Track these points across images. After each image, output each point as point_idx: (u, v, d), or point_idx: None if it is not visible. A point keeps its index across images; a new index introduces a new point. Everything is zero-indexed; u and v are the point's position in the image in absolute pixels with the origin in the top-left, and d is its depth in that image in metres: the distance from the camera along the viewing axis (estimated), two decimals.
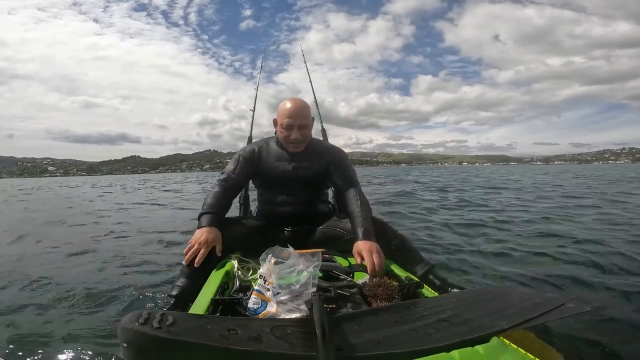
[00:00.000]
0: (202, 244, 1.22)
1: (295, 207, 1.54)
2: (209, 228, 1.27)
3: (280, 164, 1.52)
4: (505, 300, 0.82)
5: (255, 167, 1.54)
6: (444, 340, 0.66)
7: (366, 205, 1.41)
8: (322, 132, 2.50)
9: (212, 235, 1.25)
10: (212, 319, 0.67)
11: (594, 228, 3.41)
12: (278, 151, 1.54)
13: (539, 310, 0.75)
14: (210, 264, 1.25)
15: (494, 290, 0.95)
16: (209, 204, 1.38)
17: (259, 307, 0.85)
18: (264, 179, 1.58)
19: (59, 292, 1.88)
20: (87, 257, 2.77)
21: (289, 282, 0.85)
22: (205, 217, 1.32)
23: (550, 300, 0.80)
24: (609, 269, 2.10)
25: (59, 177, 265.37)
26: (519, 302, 0.80)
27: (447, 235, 3.29)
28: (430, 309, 0.79)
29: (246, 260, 1.26)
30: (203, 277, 1.18)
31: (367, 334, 0.69)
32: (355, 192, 1.45)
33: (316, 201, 1.62)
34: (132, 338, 0.54)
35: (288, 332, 0.67)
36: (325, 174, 1.55)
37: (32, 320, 1.58)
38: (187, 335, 0.56)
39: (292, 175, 1.52)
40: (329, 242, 1.47)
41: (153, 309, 0.59)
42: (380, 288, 0.99)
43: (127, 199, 9.42)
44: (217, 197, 1.42)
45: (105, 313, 1.63)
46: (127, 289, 1.92)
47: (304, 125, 1.47)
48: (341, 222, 1.47)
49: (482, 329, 0.68)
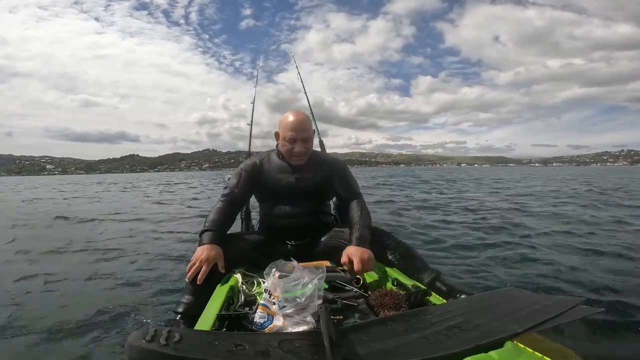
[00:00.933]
0: (203, 262, 1.21)
1: (298, 219, 1.54)
2: (210, 245, 1.27)
3: (283, 176, 1.53)
4: (515, 303, 0.81)
5: (258, 180, 1.55)
6: (455, 347, 0.64)
7: (367, 215, 1.44)
8: (320, 143, 2.50)
9: (214, 253, 1.24)
10: (219, 334, 0.66)
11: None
12: (280, 163, 1.55)
13: (551, 312, 0.74)
14: (213, 280, 1.23)
15: (503, 294, 0.94)
16: (211, 220, 1.37)
17: (265, 321, 0.85)
18: (266, 192, 1.58)
19: (66, 310, 1.87)
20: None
21: (294, 295, 0.85)
22: (207, 234, 1.32)
23: (561, 303, 0.79)
24: (621, 268, 2.08)
25: (57, 175, 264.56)
26: (529, 305, 0.79)
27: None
28: (439, 316, 0.78)
29: (250, 275, 1.25)
30: (208, 293, 1.17)
31: (375, 344, 0.68)
32: (357, 203, 1.49)
33: (319, 212, 1.62)
34: (139, 355, 0.53)
35: (296, 346, 0.66)
36: (327, 185, 1.56)
37: (34, 338, 1.56)
38: (194, 352, 0.55)
39: (295, 187, 1.52)
40: (332, 254, 1.46)
41: (159, 326, 0.58)
42: (388, 297, 0.98)
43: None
44: (219, 213, 1.42)
45: (113, 330, 1.62)
46: (133, 305, 1.90)
47: (307, 138, 1.48)
48: (344, 233, 1.47)
49: (494, 334, 0.67)
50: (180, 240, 3.84)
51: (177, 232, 4.38)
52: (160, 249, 3.55)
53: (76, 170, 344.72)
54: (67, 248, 3.60)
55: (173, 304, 1.80)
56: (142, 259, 3.21)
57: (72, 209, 7.33)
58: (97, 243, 3.91)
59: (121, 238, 4.18)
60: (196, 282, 1.19)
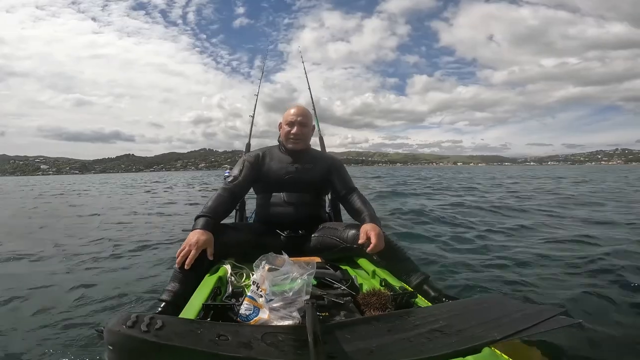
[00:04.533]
0: (192, 246, 1.22)
1: (295, 209, 1.57)
2: (201, 230, 1.27)
3: (284, 166, 1.62)
4: (498, 310, 0.82)
5: (259, 171, 1.61)
6: (435, 350, 0.65)
7: (369, 203, 1.56)
8: (320, 140, 2.56)
9: (204, 238, 1.25)
10: (203, 324, 0.66)
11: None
12: (281, 155, 1.65)
13: (531, 321, 0.75)
14: (201, 267, 1.24)
15: (488, 301, 0.95)
16: (208, 207, 1.39)
17: (250, 314, 0.85)
18: (267, 182, 1.62)
19: (49, 293, 1.86)
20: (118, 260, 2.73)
21: (282, 289, 0.85)
22: (201, 220, 1.33)
23: (542, 312, 0.80)
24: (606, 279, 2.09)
25: (51, 175, 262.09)
26: (512, 313, 0.80)
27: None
28: (423, 318, 0.78)
29: (240, 266, 1.25)
30: (195, 281, 1.17)
31: (359, 342, 0.68)
32: (358, 194, 1.61)
33: (315, 205, 1.66)
34: (118, 341, 0.53)
35: (279, 339, 0.66)
36: (326, 179, 1.66)
37: (16, 325, 1.55)
38: (175, 340, 0.55)
39: (295, 176, 1.59)
40: (324, 250, 1.48)
41: (141, 313, 0.58)
42: (374, 297, 0.99)
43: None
44: (218, 201, 1.44)
45: (94, 316, 1.61)
46: (118, 291, 1.90)
47: (304, 123, 1.63)
48: (337, 231, 1.48)
49: (474, 340, 0.68)
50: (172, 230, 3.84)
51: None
52: (149, 237, 3.55)
53: (71, 170, 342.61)
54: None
55: (158, 293, 1.80)
56: (127, 247, 3.20)
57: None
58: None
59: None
60: (184, 268, 1.20)
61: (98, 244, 3.40)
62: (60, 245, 3.31)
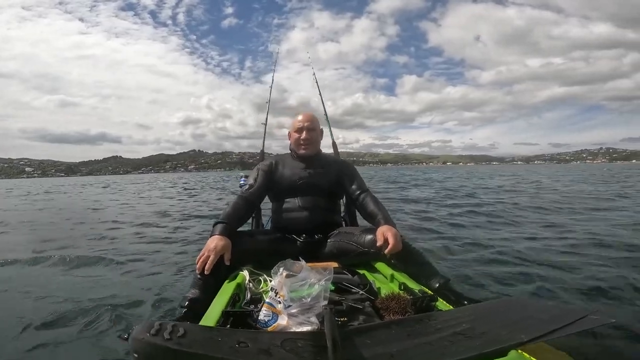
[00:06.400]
0: (211, 251, 1.24)
1: (310, 214, 1.58)
2: (219, 236, 1.30)
3: (297, 171, 1.65)
4: (523, 312, 0.79)
5: (273, 178, 1.65)
6: (459, 354, 0.63)
7: (382, 204, 1.56)
8: (333, 145, 2.56)
9: (222, 243, 1.28)
10: (223, 331, 0.67)
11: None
12: (294, 162, 1.69)
13: (560, 322, 0.72)
14: (220, 273, 1.26)
15: (511, 302, 0.92)
16: (226, 214, 1.43)
17: (269, 320, 0.85)
18: (281, 188, 1.65)
19: (73, 303, 1.91)
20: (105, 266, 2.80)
21: (300, 295, 0.85)
22: (219, 226, 1.36)
23: (571, 312, 0.76)
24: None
25: (37, 178, 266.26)
26: (537, 314, 0.77)
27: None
28: (445, 322, 0.76)
29: (258, 273, 1.27)
30: (214, 288, 1.19)
31: (379, 347, 0.67)
32: (371, 196, 1.62)
33: (329, 209, 1.67)
34: (142, 349, 0.54)
35: (299, 346, 0.66)
36: (339, 183, 1.68)
37: (40, 333, 1.58)
38: (197, 347, 0.56)
39: (308, 181, 1.62)
40: (340, 255, 1.47)
41: (164, 320, 0.59)
42: (394, 301, 0.97)
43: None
44: (236, 208, 1.48)
45: (118, 324, 1.64)
46: (140, 298, 1.93)
47: (312, 127, 1.68)
48: (354, 235, 1.48)
49: (499, 342, 0.66)
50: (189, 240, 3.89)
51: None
52: (171, 246, 3.61)
53: (56, 172, 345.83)
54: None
55: (179, 299, 1.83)
56: (150, 254, 3.26)
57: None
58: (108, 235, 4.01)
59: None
60: (204, 275, 1.23)
61: (116, 249, 3.46)
62: (72, 247, 3.39)
